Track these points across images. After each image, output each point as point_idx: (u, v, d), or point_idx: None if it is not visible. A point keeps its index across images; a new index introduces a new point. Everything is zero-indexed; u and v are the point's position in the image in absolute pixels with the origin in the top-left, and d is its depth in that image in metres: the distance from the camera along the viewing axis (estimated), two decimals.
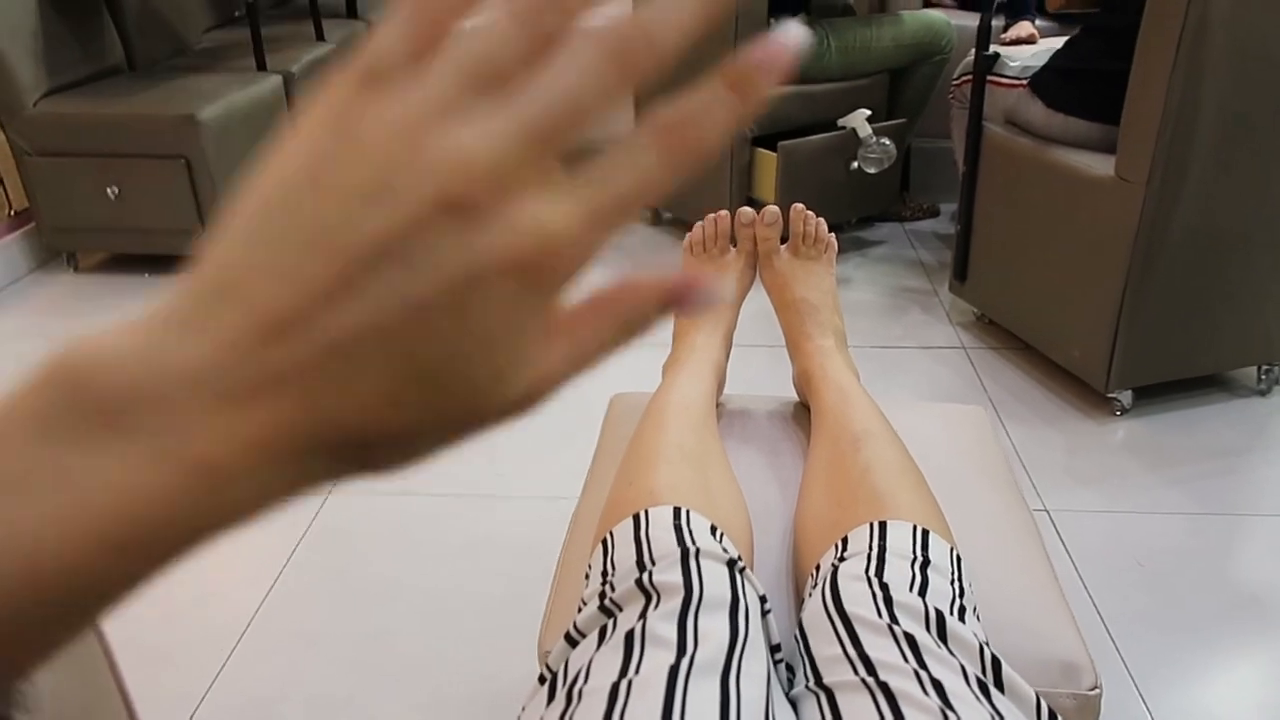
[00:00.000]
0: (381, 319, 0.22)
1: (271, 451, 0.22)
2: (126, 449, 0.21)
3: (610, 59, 0.23)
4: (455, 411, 0.23)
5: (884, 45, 2.69)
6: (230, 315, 0.22)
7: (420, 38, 0.23)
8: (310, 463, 0.23)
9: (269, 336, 0.22)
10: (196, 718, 1.34)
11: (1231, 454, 1.89)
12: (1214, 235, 1.84)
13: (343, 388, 0.22)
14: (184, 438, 0.21)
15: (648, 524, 0.75)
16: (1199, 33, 1.63)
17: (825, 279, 1.15)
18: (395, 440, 0.23)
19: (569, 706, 0.56)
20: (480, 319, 0.22)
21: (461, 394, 0.23)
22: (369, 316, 0.21)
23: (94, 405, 0.21)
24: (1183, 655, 1.43)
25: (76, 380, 0.22)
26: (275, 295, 0.22)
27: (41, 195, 2.67)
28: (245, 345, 0.22)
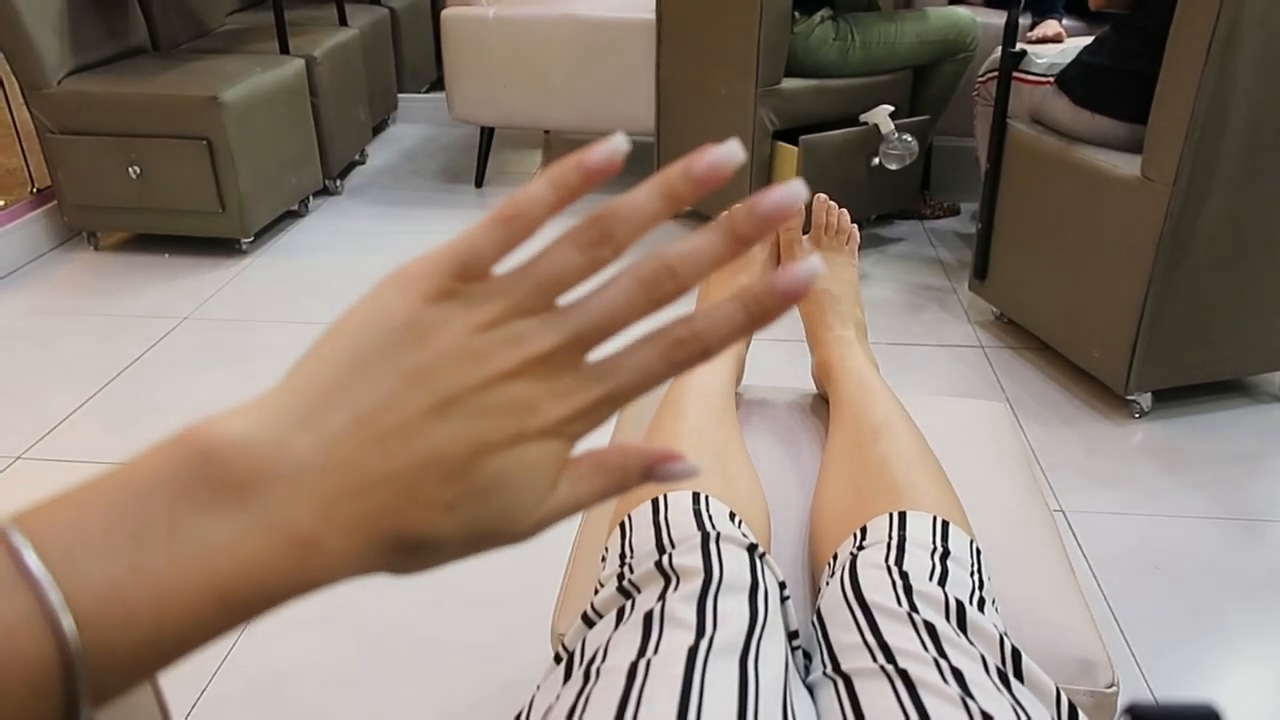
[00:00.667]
0: (457, 446, 0.28)
1: (357, 537, 0.28)
2: (248, 517, 0.26)
3: (642, 289, 0.31)
4: (490, 526, 0.30)
5: (908, 41, 2.67)
6: (340, 417, 0.28)
7: (506, 247, 0.31)
8: (376, 552, 0.28)
9: (371, 444, 0.28)
10: (208, 693, 1.35)
11: (1251, 459, 1.87)
12: (1239, 239, 1.82)
13: (418, 492, 0.28)
14: (293, 514, 0.27)
15: (666, 508, 0.75)
16: (1231, 33, 1.62)
17: (847, 270, 1.14)
18: (439, 544, 0.29)
19: (587, 684, 0.56)
20: (526, 457, 0.30)
21: (500, 513, 0.30)
22: (448, 442, 0.28)
23: (225, 478, 0.26)
24: (1198, 659, 1.42)
25: (211, 454, 0.27)
26: (379, 411, 0.28)
27: (63, 173, 2.68)
28: (351, 447, 0.28)
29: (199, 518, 0.26)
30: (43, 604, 0.24)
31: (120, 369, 2.20)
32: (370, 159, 3.68)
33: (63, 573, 0.25)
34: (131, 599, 0.25)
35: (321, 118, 3.09)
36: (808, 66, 2.61)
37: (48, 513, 0.26)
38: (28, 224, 2.76)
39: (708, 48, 2.67)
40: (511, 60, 3.09)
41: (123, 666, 0.25)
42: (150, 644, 0.25)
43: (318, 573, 0.27)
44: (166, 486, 0.26)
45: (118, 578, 0.25)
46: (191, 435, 0.27)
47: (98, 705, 0.26)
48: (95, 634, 0.25)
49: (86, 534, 0.25)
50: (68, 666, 0.24)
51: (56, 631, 0.24)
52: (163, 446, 0.27)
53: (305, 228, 3.03)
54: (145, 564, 0.25)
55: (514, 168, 3.62)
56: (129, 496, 0.26)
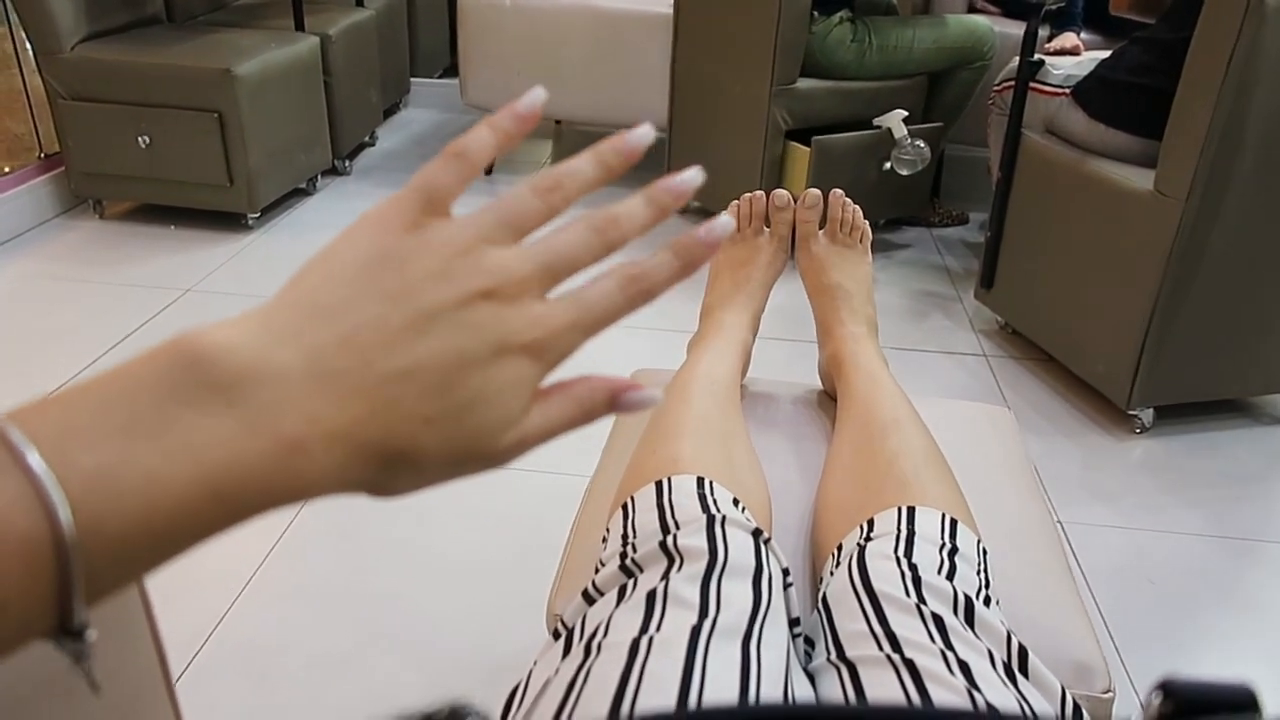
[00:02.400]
0: (435, 360, 0.30)
1: (340, 446, 0.29)
2: (234, 416, 0.27)
3: (596, 233, 0.35)
4: (468, 443, 0.31)
5: (925, 47, 2.67)
6: (324, 333, 0.29)
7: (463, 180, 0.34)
8: (360, 463, 0.29)
9: (353, 357, 0.29)
10: (196, 662, 1.34)
11: (1251, 480, 1.86)
12: (1250, 258, 1.82)
13: (399, 404, 0.30)
14: (278, 416, 0.28)
15: (670, 490, 0.74)
16: (1251, 51, 1.61)
17: (861, 267, 1.13)
18: (420, 458, 0.30)
19: (587, 658, 0.55)
20: (501, 375, 0.31)
21: (476, 429, 0.31)
22: (426, 356, 0.30)
23: (212, 378, 0.27)
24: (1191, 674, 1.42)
25: (199, 357, 0.27)
26: (361, 328, 0.30)
27: (73, 140, 2.67)
28: (333, 360, 0.29)
29: (186, 413, 0.27)
30: (34, 483, 0.24)
31: (120, 338, 2.19)
32: (380, 141, 3.67)
33: (54, 458, 0.25)
34: (122, 482, 0.25)
35: (333, 97, 3.08)
36: (824, 67, 2.60)
37: (37, 408, 0.26)
38: (34, 189, 2.75)
39: (724, 44, 2.66)
40: (527, 48, 3.08)
41: (115, 550, 0.26)
42: (142, 529, 0.26)
43: (304, 477, 0.28)
44: (154, 385, 0.27)
45: (107, 463, 0.26)
46: (179, 340, 0.28)
47: (94, 597, 0.26)
48: (87, 514, 0.25)
49: (76, 426, 0.26)
50: (59, 544, 0.24)
51: (48, 508, 0.24)
52: (151, 351, 0.28)
53: (312, 206, 3.02)
54: (134, 453, 0.26)
55: (523, 156, 3.61)
56: (117, 394, 0.27)
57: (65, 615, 0.25)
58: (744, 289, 1.12)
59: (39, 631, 0.26)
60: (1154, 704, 0.28)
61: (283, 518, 1.62)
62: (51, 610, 0.25)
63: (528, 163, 3.55)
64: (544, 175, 0.34)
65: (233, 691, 1.30)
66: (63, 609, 0.25)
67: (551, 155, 3.66)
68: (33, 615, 0.25)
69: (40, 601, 0.25)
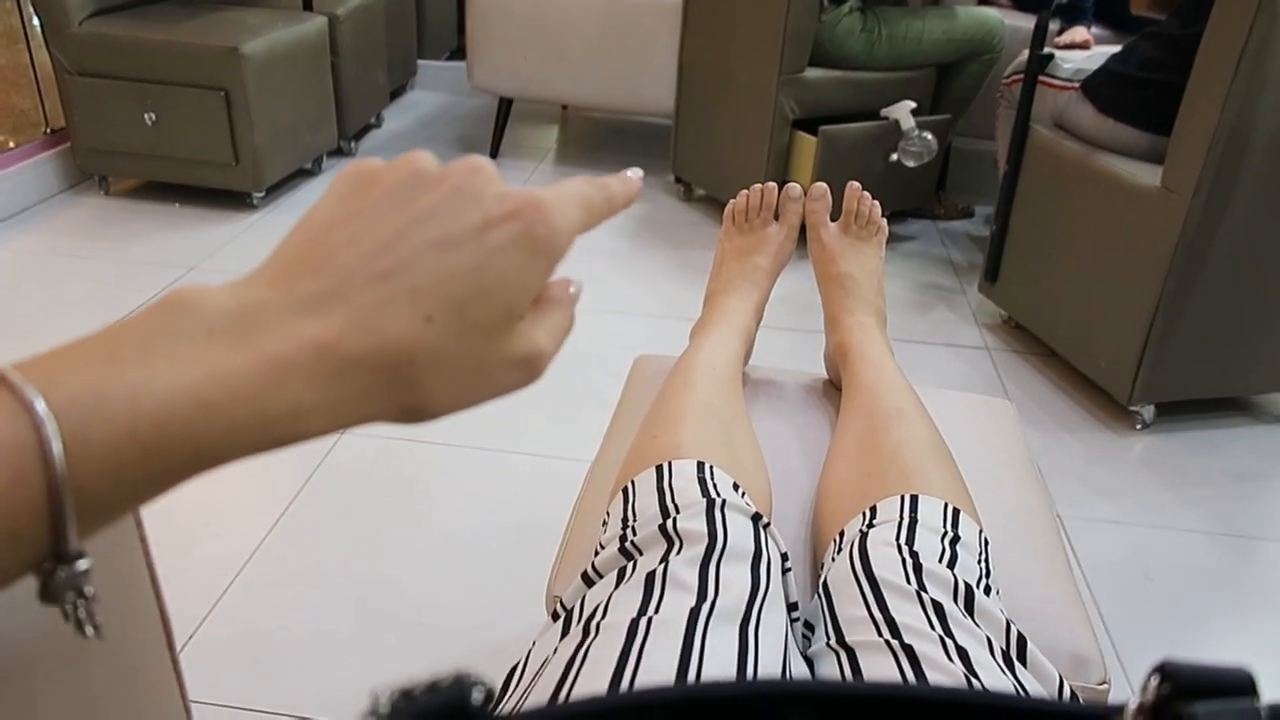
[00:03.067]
0: (418, 255, 0.30)
1: (327, 354, 0.28)
2: (217, 341, 0.28)
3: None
4: (477, 341, 0.30)
5: (935, 39, 2.66)
6: (300, 267, 0.30)
7: None
8: (362, 376, 0.29)
9: (329, 275, 0.29)
10: (194, 641, 1.35)
11: (1251, 479, 1.87)
12: (1255, 256, 1.81)
13: (388, 307, 0.29)
14: (257, 337, 0.28)
15: (671, 475, 0.74)
16: (1262, 49, 1.60)
17: (873, 259, 1.14)
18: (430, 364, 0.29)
19: (586, 639, 0.55)
20: (494, 263, 0.30)
21: (481, 323, 0.30)
22: (409, 253, 0.30)
23: (196, 318, 0.28)
24: None
25: (184, 303, 0.28)
26: (335, 249, 0.30)
27: (79, 115, 2.67)
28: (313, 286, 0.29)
29: (169, 340, 0.27)
30: (17, 395, 0.25)
31: (122, 314, 2.19)
32: (386, 123, 3.66)
33: (38, 379, 0.25)
34: (106, 394, 0.26)
35: (340, 78, 3.07)
36: (832, 57, 2.59)
37: (28, 358, 0.27)
38: (39, 164, 2.75)
39: (733, 32, 2.65)
40: (535, 31, 3.07)
41: (104, 462, 0.25)
42: (129, 437, 0.26)
43: (299, 399, 0.28)
44: (139, 324, 0.28)
45: (90, 380, 0.26)
46: (167, 295, 0.29)
47: (88, 517, 0.26)
48: (72, 423, 0.25)
49: (63, 359, 0.27)
50: (45, 450, 0.24)
51: (33, 417, 0.24)
52: (146, 307, 0.29)
53: (317, 186, 3.02)
54: (117, 371, 0.26)
55: (529, 141, 3.61)
56: (104, 336, 0.28)
57: (59, 536, 0.25)
58: (750, 276, 1.12)
59: (33, 551, 0.25)
60: (1151, 686, 0.28)
61: (283, 496, 1.63)
62: (44, 527, 0.25)
63: (535, 148, 3.55)
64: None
65: (231, 669, 1.31)
66: (55, 528, 0.25)
67: (558, 140, 3.66)
68: (24, 530, 0.25)
69: (31, 515, 0.25)
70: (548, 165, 3.37)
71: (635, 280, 2.50)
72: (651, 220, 2.91)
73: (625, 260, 2.62)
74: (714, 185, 2.94)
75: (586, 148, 3.58)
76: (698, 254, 2.65)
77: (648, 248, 2.70)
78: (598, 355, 2.08)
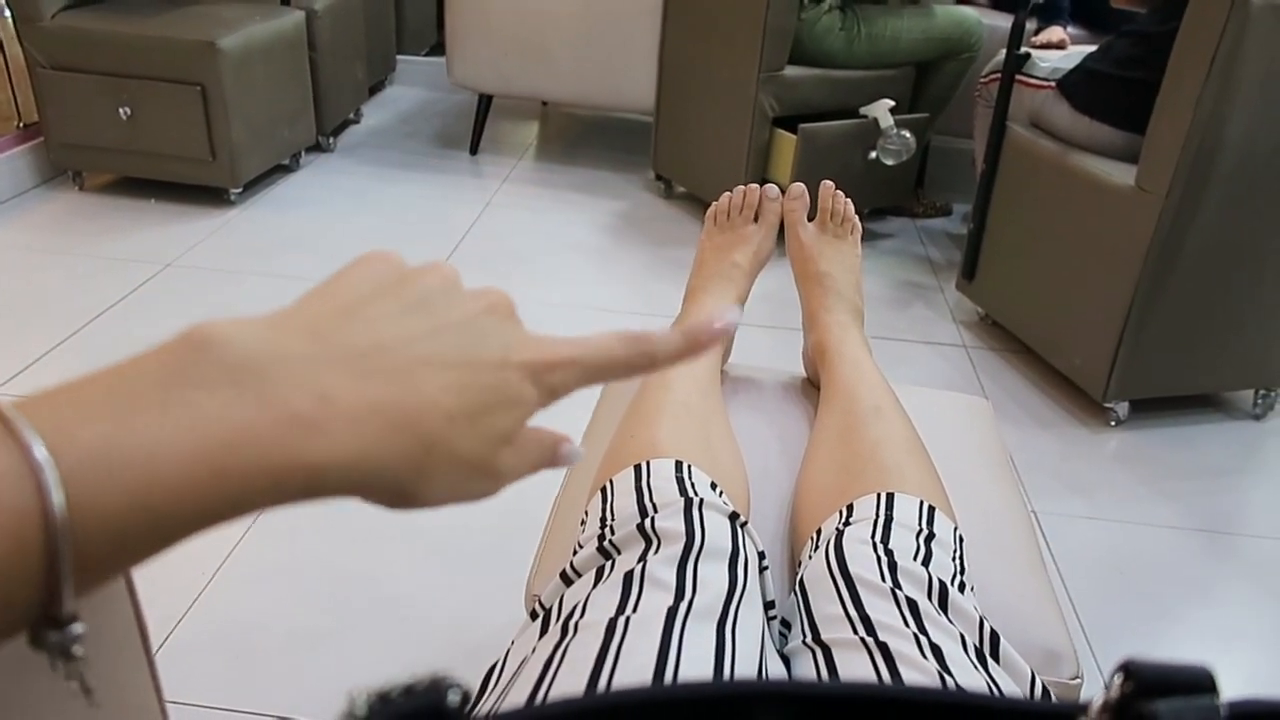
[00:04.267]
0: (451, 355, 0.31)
1: (363, 424, 0.28)
2: (243, 392, 0.27)
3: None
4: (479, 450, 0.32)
5: (914, 37, 2.67)
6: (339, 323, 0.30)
7: None
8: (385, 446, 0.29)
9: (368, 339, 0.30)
10: (174, 638, 1.34)
11: (1222, 474, 1.89)
12: (1227, 255, 1.84)
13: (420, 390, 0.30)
14: (288, 394, 0.27)
15: (649, 474, 0.75)
16: (1235, 49, 1.62)
17: (850, 258, 1.14)
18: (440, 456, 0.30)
19: (564, 638, 0.56)
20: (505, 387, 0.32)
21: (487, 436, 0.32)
22: (442, 350, 0.31)
23: (221, 361, 0.27)
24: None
25: (207, 343, 0.27)
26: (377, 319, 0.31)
27: (52, 110, 2.64)
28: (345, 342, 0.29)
29: (191, 392, 0.26)
30: (26, 455, 0.24)
31: (99, 311, 2.17)
32: (365, 119, 3.64)
33: (51, 432, 0.24)
34: (121, 455, 0.25)
35: (318, 73, 3.05)
36: (812, 55, 2.60)
37: (40, 395, 0.26)
38: (12, 159, 2.72)
39: (713, 30, 2.66)
40: (515, 27, 3.06)
41: (110, 527, 0.24)
42: (140, 505, 0.25)
43: (316, 464, 0.27)
44: (161, 369, 0.27)
45: (108, 434, 0.25)
46: (189, 332, 0.28)
47: (86, 579, 0.24)
48: (81, 488, 0.24)
49: (78, 403, 0.25)
50: (49, 518, 0.23)
51: (39, 482, 0.23)
52: (160, 345, 0.28)
53: (295, 182, 3.00)
54: (135, 426, 0.25)
55: (509, 138, 3.60)
56: (120, 378, 0.26)
57: (53, 599, 0.24)
58: (729, 274, 1.12)
59: (25, 615, 0.24)
60: (1115, 684, 0.29)
61: None
62: (39, 591, 0.24)
63: (515, 144, 3.54)
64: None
65: (209, 667, 1.31)
66: (51, 592, 0.24)
67: (537, 137, 3.65)
68: (16, 595, 0.24)
69: (27, 580, 0.24)
70: (527, 161, 3.36)
71: (615, 277, 2.50)
72: (631, 217, 2.91)
73: (605, 257, 2.62)
74: (694, 182, 2.95)
75: (566, 144, 3.58)
76: (678, 251, 2.66)
77: (627, 245, 2.71)
78: None
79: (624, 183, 3.18)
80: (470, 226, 2.77)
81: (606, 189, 3.12)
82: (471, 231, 2.74)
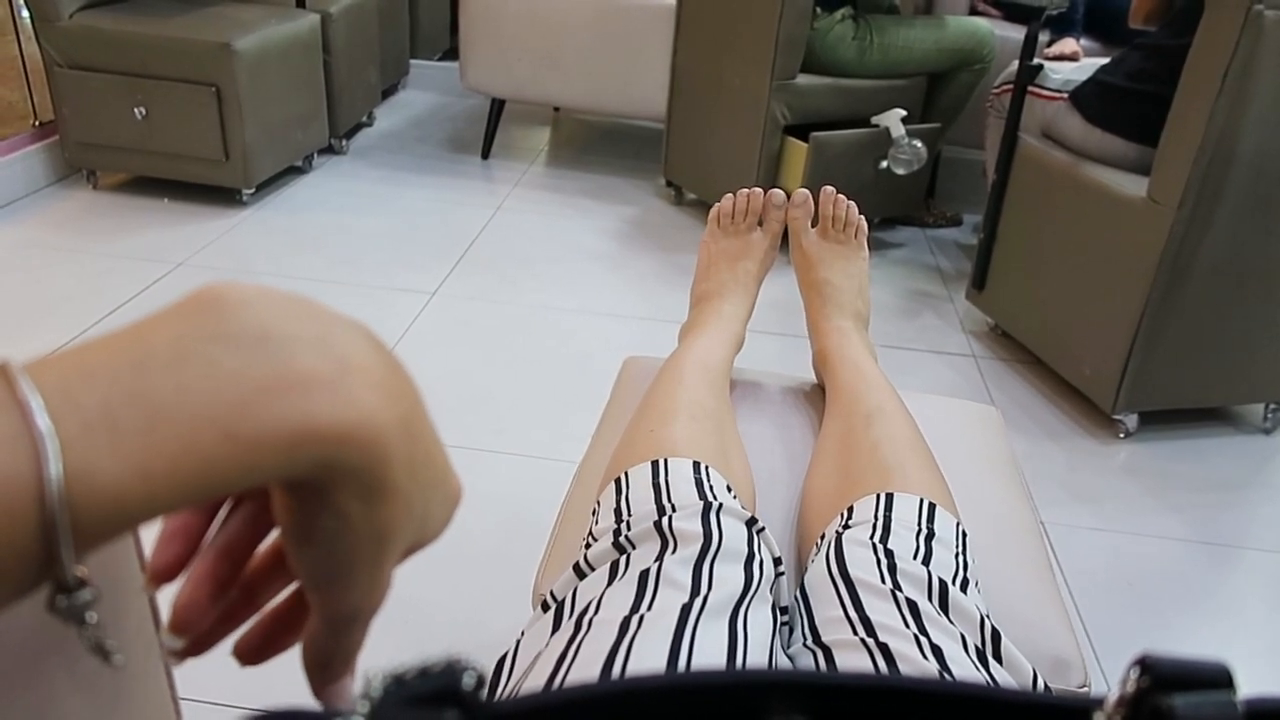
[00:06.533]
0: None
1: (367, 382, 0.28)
2: (257, 353, 0.26)
3: None
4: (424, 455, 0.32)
5: (926, 47, 2.68)
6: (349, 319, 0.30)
7: None
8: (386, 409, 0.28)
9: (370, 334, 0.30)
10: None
11: (1231, 488, 1.89)
12: (1238, 269, 1.83)
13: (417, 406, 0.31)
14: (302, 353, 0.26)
15: (667, 471, 0.75)
16: (1248, 63, 1.62)
17: (854, 263, 1.14)
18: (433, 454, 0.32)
19: (578, 633, 0.56)
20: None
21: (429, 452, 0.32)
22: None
23: (242, 319, 0.26)
24: None
25: (222, 297, 0.27)
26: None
27: (68, 109, 2.65)
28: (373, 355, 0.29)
29: (208, 346, 0.25)
30: (26, 418, 0.23)
31: (110, 309, 2.18)
32: (377, 122, 3.66)
33: (54, 396, 0.23)
34: (124, 420, 0.24)
35: (332, 76, 3.07)
36: (824, 64, 2.61)
37: (51, 355, 0.25)
38: (27, 157, 2.74)
39: (726, 38, 2.67)
40: (528, 33, 3.08)
41: (107, 499, 0.24)
42: (139, 474, 0.24)
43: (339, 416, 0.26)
44: (176, 321, 0.26)
45: (111, 401, 0.24)
46: (202, 291, 0.27)
47: (82, 543, 0.24)
48: (80, 457, 0.23)
49: (87, 366, 0.24)
50: (42, 489, 0.23)
51: (37, 449, 0.23)
52: (174, 304, 0.27)
53: (307, 184, 3.01)
54: (145, 388, 0.24)
55: (521, 143, 3.61)
56: (135, 338, 0.25)
57: (53, 566, 0.24)
58: (740, 281, 1.13)
59: (22, 582, 0.24)
60: (1131, 679, 0.29)
61: None
62: (34, 560, 0.23)
63: (527, 149, 3.55)
64: None
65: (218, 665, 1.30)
66: (49, 560, 0.23)
67: (549, 142, 3.66)
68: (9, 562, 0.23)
69: (21, 550, 0.23)
70: (539, 167, 3.37)
71: (625, 283, 2.50)
72: (642, 223, 2.91)
73: (615, 263, 2.62)
74: (705, 190, 2.95)
75: (578, 150, 3.59)
76: (687, 258, 2.66)
77: (637, 251, 2.71)
78: (585, 357, 2.08)
79: (634, 189, 3.19)
80: (481, 231, 2.78)
81: (617, 195, 3.13)
82: (482, 236, 2.75)
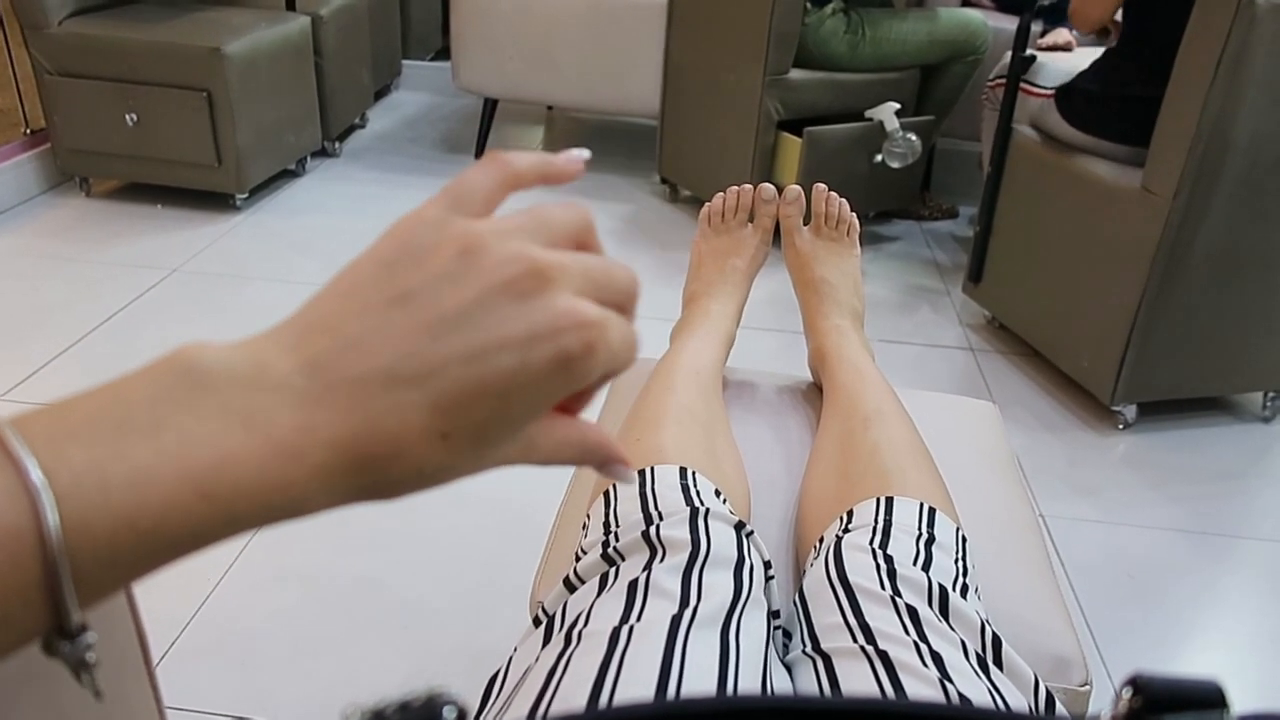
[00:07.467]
0: (449, 365, 0.28)
1: (338, 452, 0.27)
2: (229, 419, 0.27)
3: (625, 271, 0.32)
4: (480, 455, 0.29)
5: (919, 40, 2.67)
6: (324, 343, 0.28)
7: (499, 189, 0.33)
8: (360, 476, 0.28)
9: (353, 363, 0.28)
10: (178, 645, 1.34)
11: (1231, 477, 1.88)
12: (1235, 257, 1.83)
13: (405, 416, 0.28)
14: (276, 422, 0.27)
15: (653, 480, 0.74)
16: (1241, 51, 1.62)
17: (847, 260, 1.14)
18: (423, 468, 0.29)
19: (568, 647, 0.55)
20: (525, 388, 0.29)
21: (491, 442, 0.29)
22: (440, 361, 0.28)
23: (208, 385, 0.27)
24: (1166, 667, 1.43)
25: (194, 366, 0.27)
26: (366, 333, 0.28)
27: (59, 116, 2.65)
28: (331, 366, 0.28)
29: (180, 415, 0.26)
30: (21, 475, 0.24)
31: (105, 317, 2.18)
32: (370, 123, 3.65)
33: (45, 452, 0.25)
34: (111, 477, 0.25)
35: (324, 78, 3.06)
36: (817, 58, 2.60)
37: (34, 412, 0.26)
38: (19, 165, 2.73)
39: (718, 34, 2.66)
40: (520, 31, 3.06)
41: (102, 548, 0.25)
42: (129, 527, 0.25)
43: (300, 487, 0.27)
44: (150, 390, 0.27)
45: (98, 458, 0.25)
46: (176, 353, 0.28)
47: (84, 596, 0.25)
48: (74, 508, 0.24)
49: (70, 425, 0.26)
50: (44, 537, 0.24)
51: (34, 501, 0.24)
52: (148, 365, 0.28)
53: (301, 187, 3.00)
54: (126, 450, 0.25)
55: (515, 142, 3.60)
56: (113, 399, 0.27)
57: (58, 614, 0.25)
58: (729, 279, 1.12)
59: (26, 632, 0.25)
60: (1124, 699, 0.29)
61: None
62: (39, 609, 0.25)
63: (520, 148, 3.54)
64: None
65: (213, 675, 1.30)
66: (55, 607, 0.25)
67: (543, 142, 3.65)
68: (15, 613, 0.24)
69: (26, 600, 0.24)
70: None
71: None
72: (636, 221, 2.91)
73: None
74: (699, 186, 2.94)
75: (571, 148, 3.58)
76: (682, 255, 2.65)
77: (633, 249, 2.70)
78: None
79: (629, 186, 3.18)
80: None
81: (612, 193, 3.12)
82: None
